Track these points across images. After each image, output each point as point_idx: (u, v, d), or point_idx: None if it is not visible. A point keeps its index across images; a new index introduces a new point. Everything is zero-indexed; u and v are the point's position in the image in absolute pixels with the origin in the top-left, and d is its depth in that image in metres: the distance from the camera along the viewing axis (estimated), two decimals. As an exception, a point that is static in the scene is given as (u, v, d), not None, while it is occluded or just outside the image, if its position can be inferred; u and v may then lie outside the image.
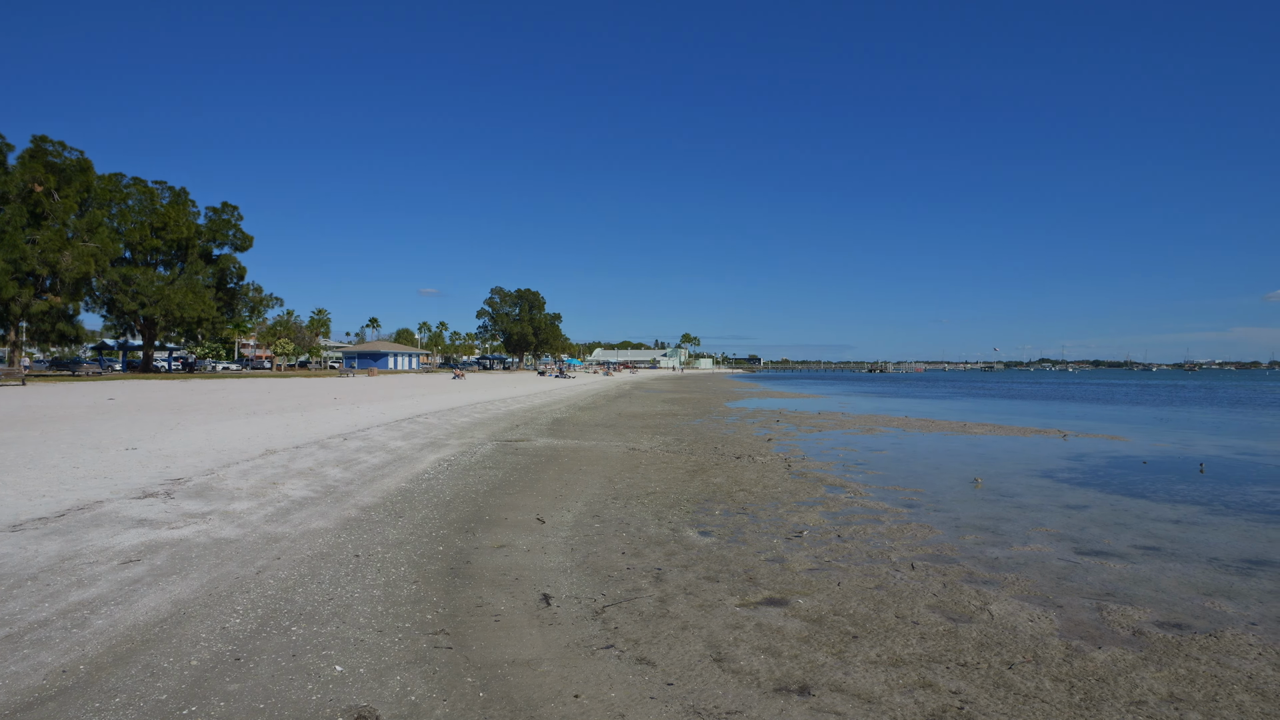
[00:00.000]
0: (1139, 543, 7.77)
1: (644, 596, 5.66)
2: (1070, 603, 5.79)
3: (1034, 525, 8.54)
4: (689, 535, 7.72)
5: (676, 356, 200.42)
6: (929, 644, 4.81)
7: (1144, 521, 8.84)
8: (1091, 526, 8.52)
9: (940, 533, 8.07)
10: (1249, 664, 4.61)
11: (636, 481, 11.07)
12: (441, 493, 9.58)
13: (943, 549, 7.38)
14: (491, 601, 5.41)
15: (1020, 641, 4.90)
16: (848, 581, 6.16)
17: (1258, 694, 4.17)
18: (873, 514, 9.00)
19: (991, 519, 8.85)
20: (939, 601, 5.71)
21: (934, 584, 6.16)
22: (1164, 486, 11.45)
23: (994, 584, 6.23)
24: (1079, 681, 4.28)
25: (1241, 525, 8.69)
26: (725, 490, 10.44)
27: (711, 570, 6.44)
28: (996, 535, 8.01)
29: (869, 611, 5.43)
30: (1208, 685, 4.27)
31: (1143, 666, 4.52)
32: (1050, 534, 8.11)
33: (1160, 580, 6.42)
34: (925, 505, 9.65)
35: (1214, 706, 4.01)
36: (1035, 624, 5.26)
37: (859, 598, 5.74)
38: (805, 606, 5.51)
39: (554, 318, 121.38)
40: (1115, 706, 3.96)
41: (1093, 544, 7.69)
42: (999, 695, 4.06)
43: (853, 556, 7.01)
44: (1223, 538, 8.04)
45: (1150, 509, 9.63)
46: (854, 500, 9.85)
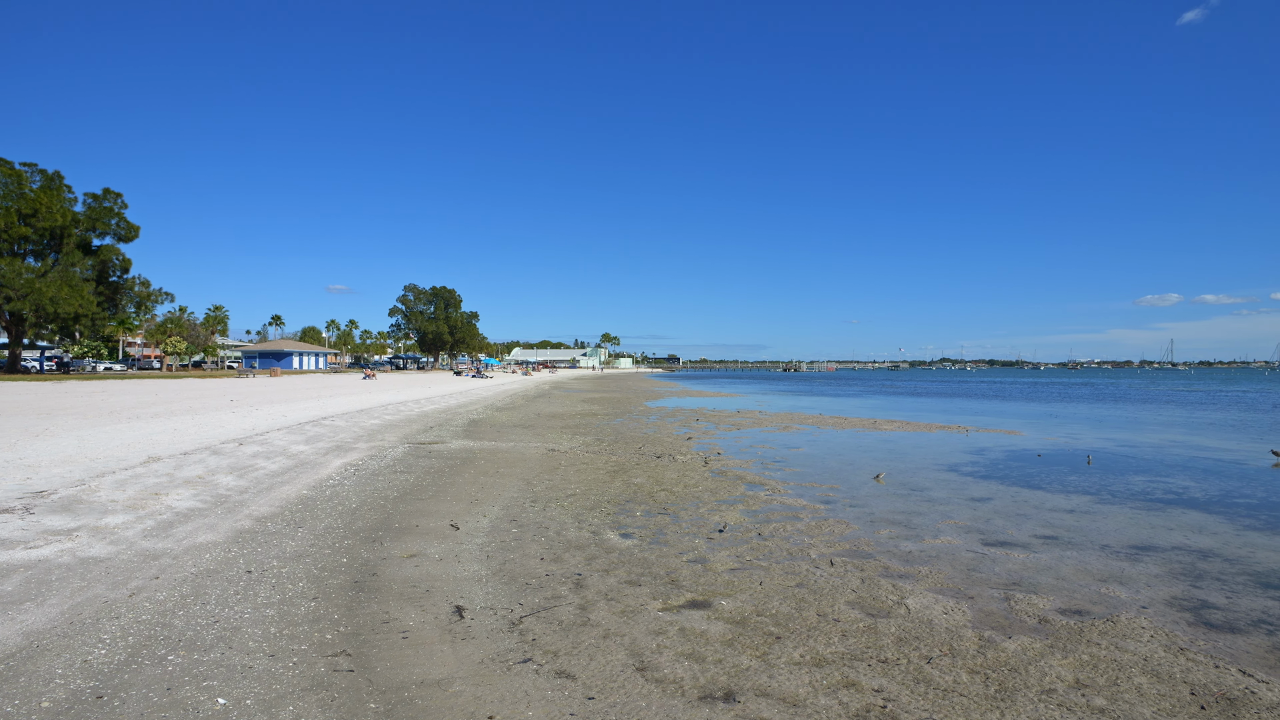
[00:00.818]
0: (1039, 532, 8.14)
1: (564, 604, 5.43)
2: (981, 594, 5.96)
3: (943, 518, 8.83)
4: (610, 538, 7.54)
5: (596, 356, 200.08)
6: (850, 642, 4.81)
7: (1042, 512, 9.30)
8: (995, 518, 8.89)
9: (856, 528, 8.21)
10: (1144, 647, 4.83)
11: (556, 483, 10.79)
12: (347, 500, 9.01)
13: (859, 544, 7.49)
14: (399, 617, 5.05)
15: (937, 635, 4.97)
16: (769, 581, 6.13)
17: (1153, 676, 4.36)
18: (792, 511, 9.08)
19: (904, 513, 9.10)
20: (858, 598, 5.75)
21: (853, 580, 6.21)
22: (1057, 478, 12.15)
23: (909, 578, 6.35)
24: (993, 673, 4.35)
25: (1127, 513, 9.28)
26: (646, 490, 10.32)
27: (633, 574, 6.27)
28: (909, 529, 8.23)
29: (791, 611, 5.39)
30: (1109, 670, 4.44)
31: (1050, 655, 4.66)
32: (959, 526, 8.40)
33: (1060, 568, 6.71)
34: (841, 501, 9.84)
35: (1116, 691, 4.15)
36: (949, 616, 5.36)
37: (781, 597, 5.71)
38: (728, 608, 5.42)
39: (471, 316, 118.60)
40: (1028, 696, 4.04)
41: (998, 535, 8.00)
42: (919, 691, 4.07)
43: (773, 555, 7.00)
44: (1111, 525, 8.55)
45: (1047, 500, 10.16)
46: (773, 498, 9.93)
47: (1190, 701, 4.04)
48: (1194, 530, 8.32)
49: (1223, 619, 5.43)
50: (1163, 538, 7.95)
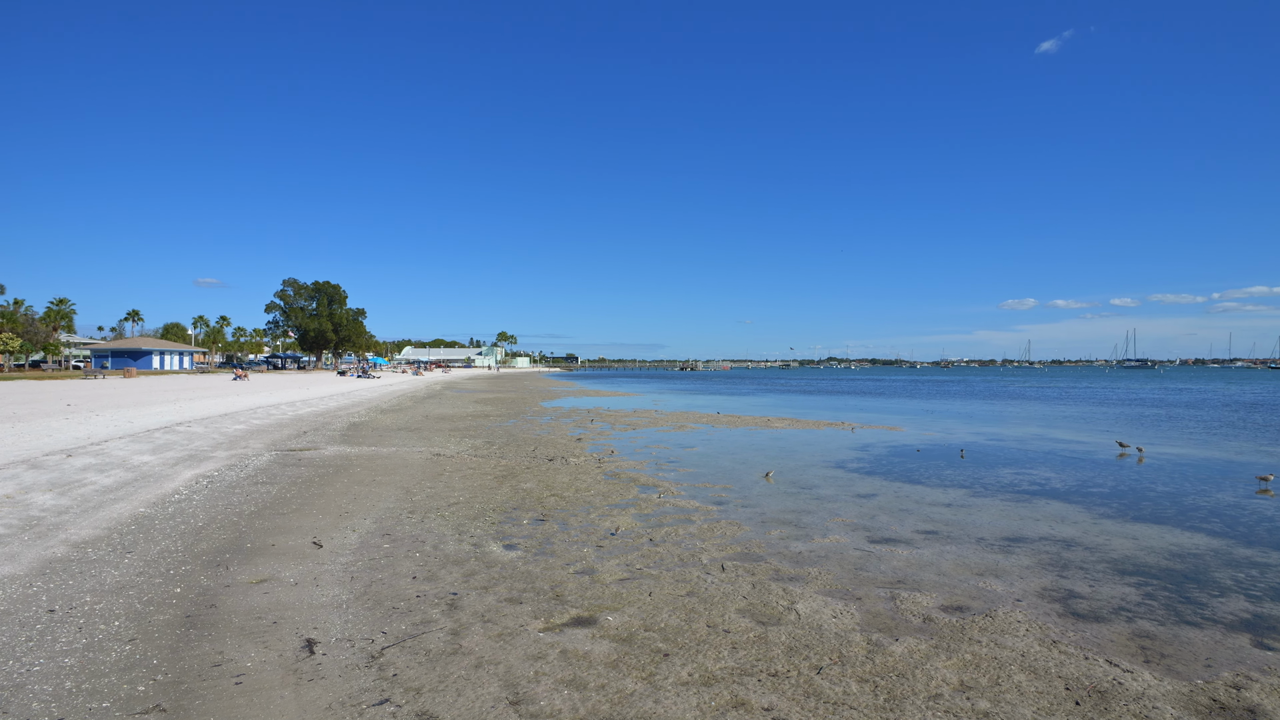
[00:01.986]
0: (920, 528, 8.35)
1: (434, 630, 4.91)
2: (868, 594, 5.93)
3: (831, 516, 8.91)
4: (492, 550, 7.04)
5: (493, 355, 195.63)
6: (740, 654, 4.59)
7: (923, 507, 9.59)
8: (880, 514, 9.07)
9: (748, 529, 8.12)
10: (1020, 641, 4.90)
11: (439, 491, 10.12)
12: (193, 518, 8.01)
13: (751, 546, 7.37)
14: (236, 657, 4.37)
15: (826, 641, 4.84)
16: (659, 590, 5.85)
17: (1031, 672, 4.40)
18: (684, 514, 8.89)
19: (794, 512, 9.12)
20: (749, 604, 5.57)
21: (744, 585, 6.04)
22: (935, 472, 12.69)
23: (799, 580, 6.26)
24: (882, 680, 4.24)
25: (998, 505, 9.73)
26: (536, 496, 9.85)
27: (515, 590, 5.83)
28: (799, 529, 8.22)
29: (681, 623, 5.13)
30: (991, 669, 4.44)
31: (935, 656, 4.62)
32: (846, 524, 8.48)
33: (941, 564, 6.84)
34: (734, 501, 9.76)
35: (998, 691, 4.14)
36: (839, 620, 5.27)
37: (670, 608, 5.44)
38: (615, 624, 5.09)
39: (357, 313, 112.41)
40: (916, 704, 3.94)
41: (883, 531, 8.13)
42: (810, 706, 3.89)
43: (664, 561, 6.74)
44: (985, 518, 8.90)
45: (927, 494, 10.52)
46: (666, 500, 9.72)
47: (1066, 697, 4.07)
48: (1057, 520, 8.80)
49: (1088, 608, 5.64)
50: (1030, 529, 8.34)
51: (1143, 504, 9.88)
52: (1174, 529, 8.38)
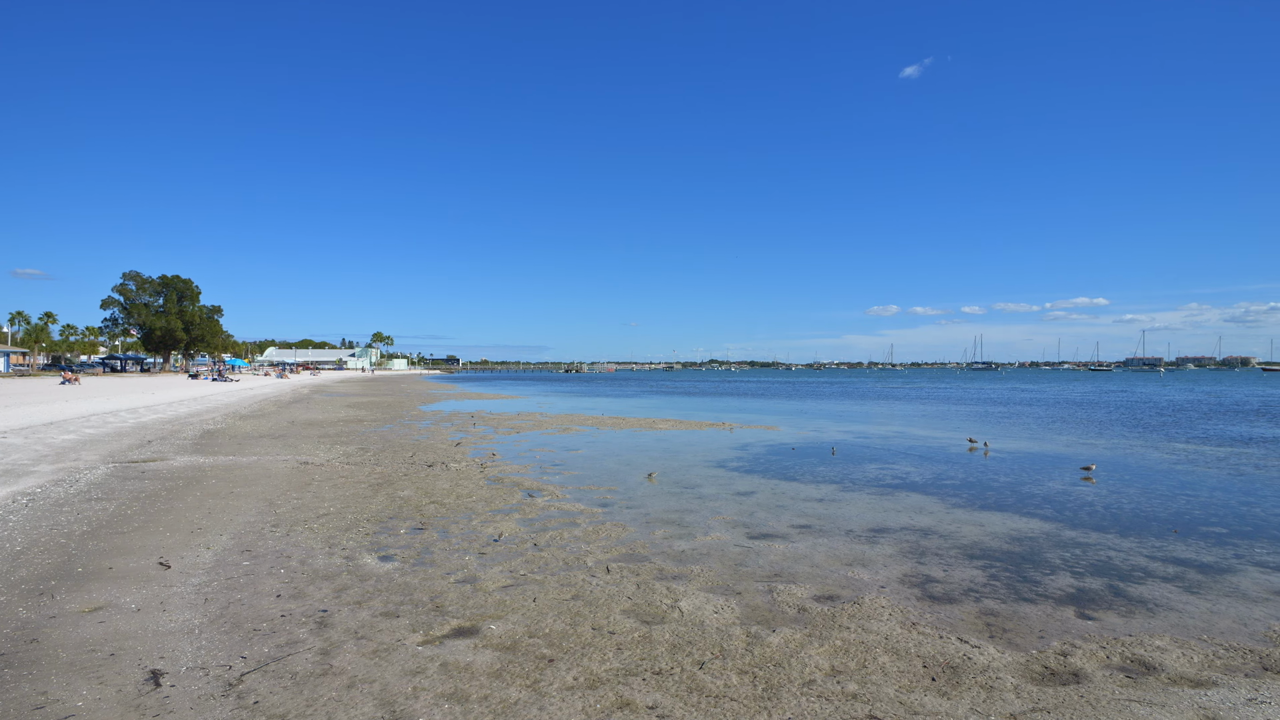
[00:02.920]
0: (796, 523, 8.75)
1: (301, 651, 4.59)
2: (748, 588, 6.14)
3: (713, 514, 9.16)
4: (367, 563, 6.68)
5: (367, 357, 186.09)
6: (625, 655, 4.61)
7: (798, 502, 10.07)
8: (759, 511, 9.43)
9: (633, 530, 8.19)
10: (885, 625, 5.24)
11: (306, 502, 9.49)
12: (9, 541, 7.06)
13: (636, 547, 7.44)
14: (64, 696, 3.88)
15: (708, 637, 4.97)
16: (544, 596, 5.78)
17: (894, 654, 4.71)
18: (569, 517, 8.84)
19: (678, 511, 9.30)
20: (634, 605, 5.61)
21: (629, 586, 6.09)
22: (809, 469, 13.36)
23: (683, 578, 6.38)
24: (760, 671, 4.40)
25: (865, 499, 10.38)
26: (414, 504, 9.46)
27: (392, 603, 5.56)
28: (682, 528, 8.39)
29: (565, 628, 5.09)
30: (858, 653, 4.72)
31: (809, 644, 4.85)
32: (727, 521, 8.75)
33: (814, 556, 7.21)
34: (619, 503, 9.82)
35: (865, 674, 4.40)
36: (720, 615, 5.42)
37: (555, 613, 5.38)
38: (498, 633, 4.97)
39: (212, 311, 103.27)
40: (791, 691, 4.12)
41: (761, 528, 8.45)
42: (693, 701, 3.97)
43: (549, 566, 6.67)
44: (853, 511, 9.47)
45: (801, 490, 11.06)
46: (551, 504, 9.63)
47: (924, 674, 4.40)
48: (916, 511, 9.51)
49: (942, 591, 6.13)
50: (893, 519, 8.96)
51: (988, 494, 10.87)
52: (1014, 515, 9.28)
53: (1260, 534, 8.27)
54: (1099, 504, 10.03)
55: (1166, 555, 7.32)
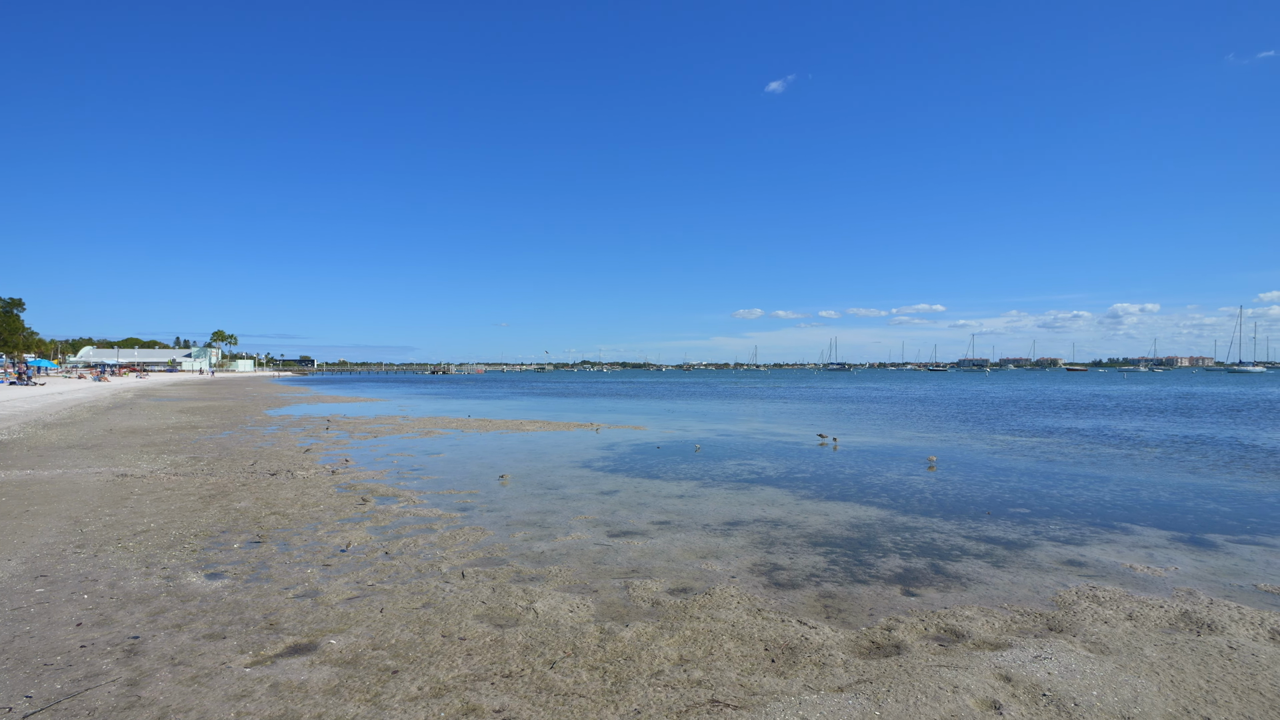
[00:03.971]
0: (656, 519, 8.94)
1: (104, 684, 4.10)
2: (604, 585, 6.20)
3: (576, 514, 9.17)
4: (191, 582, 6.09)
5: (206, 358, 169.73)
6: (475, 660, 4.51)
7: (659, 499, 10.29)
8: (621, 509, 9.54)
9: (492, 533, 8.03)
10: (732, 613, 5.47)
11: (122, 518, 8.51)
12: None
13: (494, 550, 7.30)
14: None
15: (562, 636, 4.96)
16: (392, 606, 5.53)
17: (739, 639, 4.93)
18: (426, 523, 8.53)
19: (540, 513, 9.22)
20: (488, 609, 5.50)
21: (484, 590, 5.96)
22: (672, 467, 13.70)
23: (540, 579, 6.33)
24: (611, 666, 4.45)
25: (723, 494, 10.79)
26: (252, 516, 8.74)
27: (218, 624, 5.10)
28: (543, 529, 8.33)
29: (414, 637, 4.90)
30: (706, 642, 4.89)
31: (660, 637, 4.97)
32: (588, 521, 8.78)
33: (671, 551, 7.39)
34: (479, 507, 9.59)
35: (711, 660, 4.57)
36: (575, 614, 5.43)
37: (404, 623, 5.17)
38: (338, 647, 4.70)
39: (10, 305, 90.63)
40: (640, 683, 4.20)
41: (622, 525, 8.56)
42: (541, 701, 3.94)
43: (400, 575, 6.39)
44: (711, 506, 9.82)
45: (663, 488, 11.31)
46: (407, 510, 9.24)
47: (765, 656, 4.63)
48: (768, 504, 10.00)
49: (787, 578, 6.48)
50: (747, 512, 9.38)
51: (834, 485, 11.64)
52: (855, 504, 9.99)
53: (1055, 513, 9.42)
54: (928, 491, 11.02)
55: (980, 535, 8.16)
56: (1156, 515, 9.27)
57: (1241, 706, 3.92)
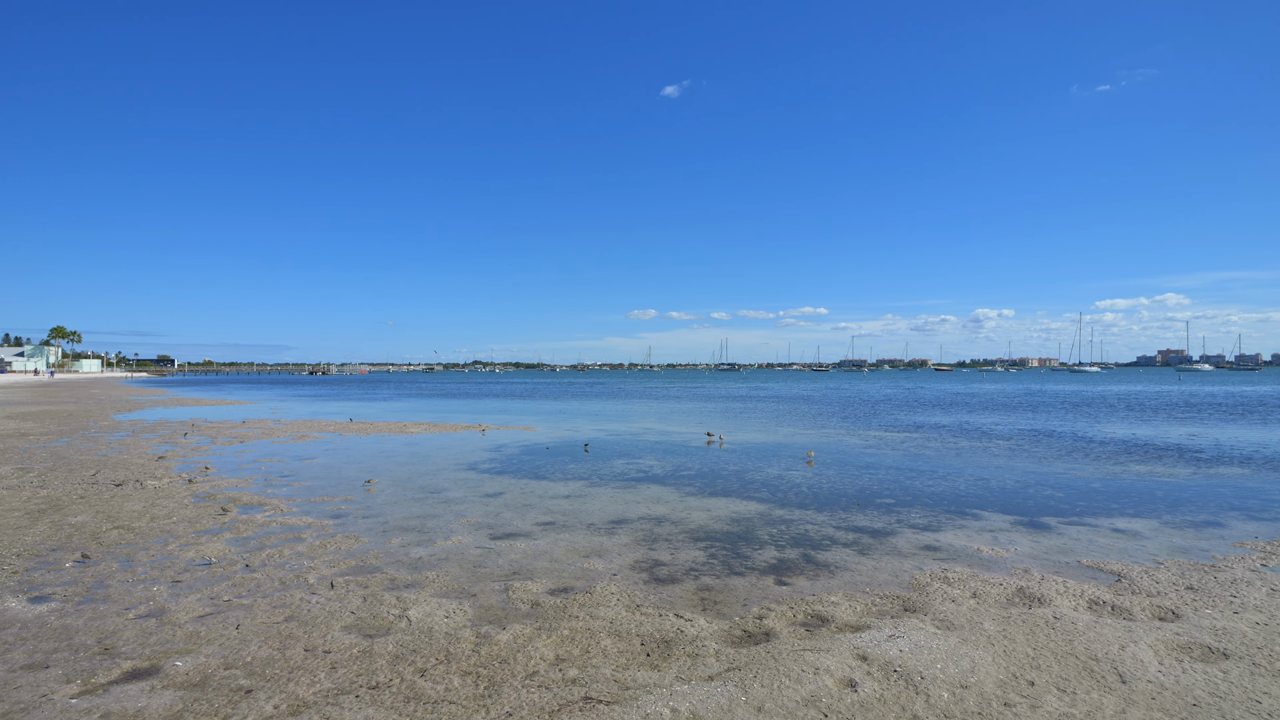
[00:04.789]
0: (541, 520, 8.86)
1: (-112, 728, 3.59)
2: (484, 589, 6.07)
3: (458, 518, 8.93)
4: (9, 607, 5.44)
5: (42, 356, 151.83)
6: (339, 674, 4.29)
7: (545, 500, 10.21)
8: (505, 511, 9.39)
9: (367, 540, 7.68)
10: (611, 611, 5.51)
11: (-73, 539, 7.48)
12: None
13: (368, 558, 6.99)
14: None
15: (435, 642, 4.81)
16: (250, 621, 5.17)
17: (616, 636, 4.97)
18: (294, 532, 8.04)
19: (419, 518, 8.92)
20: (357, 620, 5.25)
21: (354, 600, 5.69)
22: (560, 467, 13.63)
23: (416, 586, 6.12)
24: (484, 670, 4.37)
25: (610, 493, 10.84)
26: (91, 530, 7.92)
27: (40, 652, 4.59)
28: (422, 534, 8.06)
29: (273, 653, 4.60)
30: (584, 640, 4.90)
31: (537, 637, 4.93)
32: (471, 524, 8.58)
33: (554, 551, 7.35)
34: (354, 514, 9.15)
35: (587, 658, 4.58)
36: (450, 619, 5.29)
37: (262, 639, 4.84)
38: (185, 669, 4.34)
39: None
40: (513, 685, 4.14)
41: (505, 527, 8.42)
42: (408, 710, 3.81)
43: (261, 588, 5.99)
44: (597, 505, 9.84)
45: (550, 488, 11.23)
46: (273, 520, 8.67)
47: (640, 651, 4.69)
48: (654, 501, 10.15)
49: (667, 573, 6.60)
50: (632, 510, 9.48)
51: (718, 482, 11.97)
52: (736, 500, 10.32)
53: (917, 502, 10.12)
54: (805, 485, 11.55)
55: (849, 525, 8.65)
56: (1003, 501, 10.17)
57: (1060, 669, 4.36)
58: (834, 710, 3.81)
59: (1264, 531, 8.25)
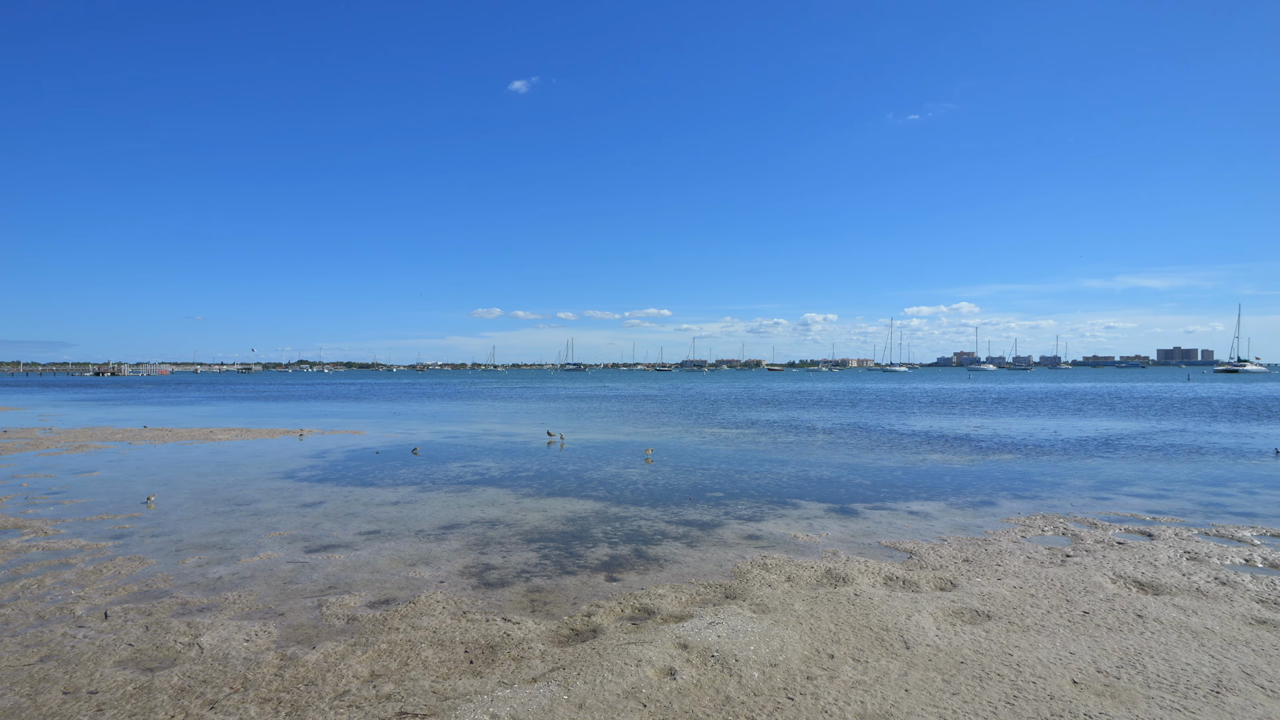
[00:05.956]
0: (364, 529, 8.34)
1: None
2: (294, 606, 5.60)
3: (268, 531, 8.18)
4: None
5: None
6: (108, 716, 3.75)
7: (370, 508, 9.63)
8: (325, 521, 8.74)
9: (155, 562, 6.82)
10: (435, 620, 5.28)
11: None
12: None
13: (154, 582, 6.20)
14: None
15: (231, 670, 4.36)
16: (-9, 665, 4.39)
17: (438, 645, 4.77)
18: (61, 557, 6.96)
19: (222, 533, 8.07)
20: (135, 653, 4.63)
21: (133, 631, 5.02)
22: (391, 472, 12.93)
23: (212, 609, 5.52)
24: (287, 695, 4.02)
25: (442, 497, 10.44)
26: None
27: None
28: (224, 551, 7.29)
29: (21, 700, 3.93)
30: (403, 652, 4.65)
31: (351, 654, 4.61)
32: (283, 537, 7.89)
33: (377, 561, 6.94)
34: (141, 533, 8.10)
35: (405, 671, 4.36)
36: (252, 643, 4.82)
37: (7, 685, 4.12)
38: (-107, 731, 3.59)
39: None
40: (319, 709, 3.84)
41: (324, 539, 7.83)
42: (192, 751, 3.41)
43: (11, 625, 5.12)
44: (428, 511, 9.44)
45: (377, 495, 10.61)
46: (32, 545, 7.45)
47: (464, 659, 4.54)
48: (489, 504, 9.91)
49: (498, 577, 6.46)
50: (466, 514, 9.19)
51: (556, 482, 11.93)
52: (574, 499, 10.33)
53: (744, 495, 10.70)
54: (642, 482, 11.82)
55: (681, 519, 8.95)
56: (819, 491, 11.01)
57: (856, 641, 4.78)
58: (652, 699, 3.90)
59: (1024, 509, 9.58)
